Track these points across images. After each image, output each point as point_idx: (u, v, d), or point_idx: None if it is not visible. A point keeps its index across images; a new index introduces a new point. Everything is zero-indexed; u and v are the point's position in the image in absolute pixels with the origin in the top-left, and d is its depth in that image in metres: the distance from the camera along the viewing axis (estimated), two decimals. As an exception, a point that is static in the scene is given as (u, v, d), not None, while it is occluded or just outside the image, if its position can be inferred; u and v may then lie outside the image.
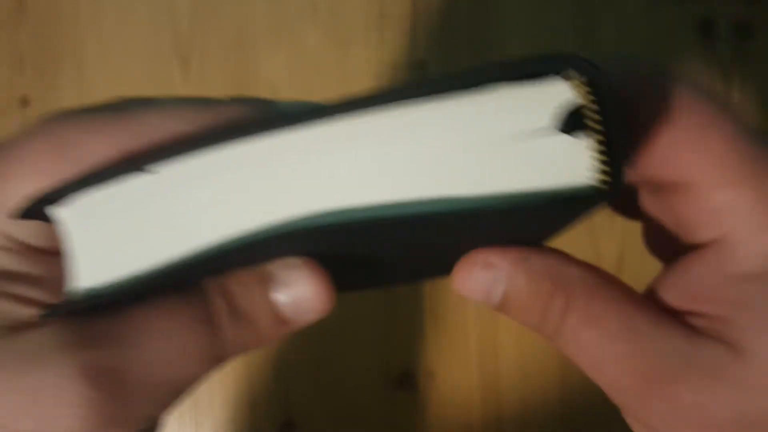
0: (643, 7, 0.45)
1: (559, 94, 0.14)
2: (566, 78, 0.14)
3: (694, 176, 0.16)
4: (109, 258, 0.16)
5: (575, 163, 0.14)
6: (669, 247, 0.19)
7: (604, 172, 0.14)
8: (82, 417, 0.16)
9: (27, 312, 0.17)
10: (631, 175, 0.17)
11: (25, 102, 0.45)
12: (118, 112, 0.17)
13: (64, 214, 0.16)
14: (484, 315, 0.43)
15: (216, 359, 0.18)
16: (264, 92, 0.45)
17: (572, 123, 0.14)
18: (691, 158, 0.16)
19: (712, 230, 0.17)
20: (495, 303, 0.18)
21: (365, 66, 0.45)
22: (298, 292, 0.18)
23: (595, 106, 0.14)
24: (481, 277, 0.18)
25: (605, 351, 0.17)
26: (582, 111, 0.14)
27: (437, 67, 0.45)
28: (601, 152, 0.14)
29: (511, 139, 0.14)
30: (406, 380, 0.43)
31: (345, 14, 0.45)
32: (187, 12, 0.45)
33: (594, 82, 0.14)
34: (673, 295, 0.18)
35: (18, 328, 0.17)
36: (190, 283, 0.18)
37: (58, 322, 0.16)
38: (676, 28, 0.45)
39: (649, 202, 0.19)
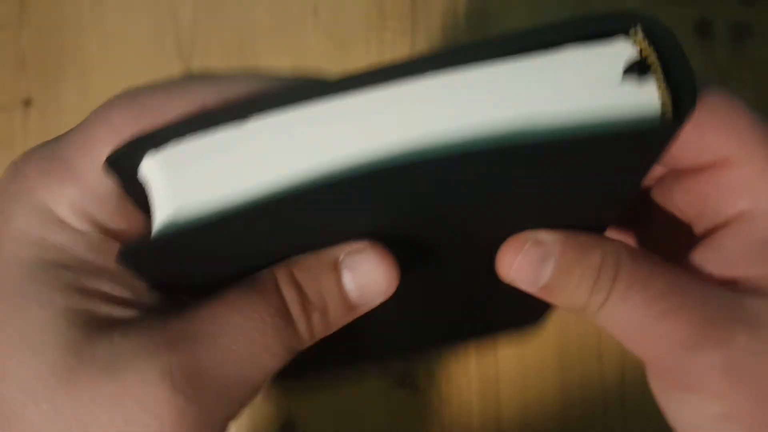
0: (640, 7, 0.46)
1: (625, 50, 0.16)
2: (631, 34, 0.17)
3: (723, 154, 0.18)
4: (191, 202, 0.16)
5: (642, 102, 0.16)
6: (677, 239, 0.20)
7: (667, 105, 0.16)
8: (168, 424, 0.15)
9: (106, 310, 0.16)
10: (657, 166, 0.18)
11: (27, 102, 0.45)
12: (188, 80, 0.17)
13: (151, 164, 0.16)
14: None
15: (291, 351, 0.18)
16: (265, 93, 0.45)
17: (639, 71, 0.16)
18: (719, 139, 0.18)
19: (741, 203, 0.18)
20: (544, 281, 0.18)
21: (365, 67, 0.45)
22: (366, 277, 0.17)
23: (656, 55, 0.17)
24: (531, 254, 0.18)
25: (656, 309, 0.17)
26: (648, 60, 0.16)
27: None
28: (666, 90, 0.16)
29: (583, 88, 0.16)
30: (406, 380, 0.43)
31: (345, 15, 0.46)
32: (189, 13, 0.46)
33: (655, 34, 0.17)
34: (710, 268, 0.18)
35: (100, 328, 0.16)
36: (264, 251, 0.17)
37: (138, 324, 0.16)
38: (673, 29, 0.46)
39: (667, 194, 0.20)
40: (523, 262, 0.18)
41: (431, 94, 0.15)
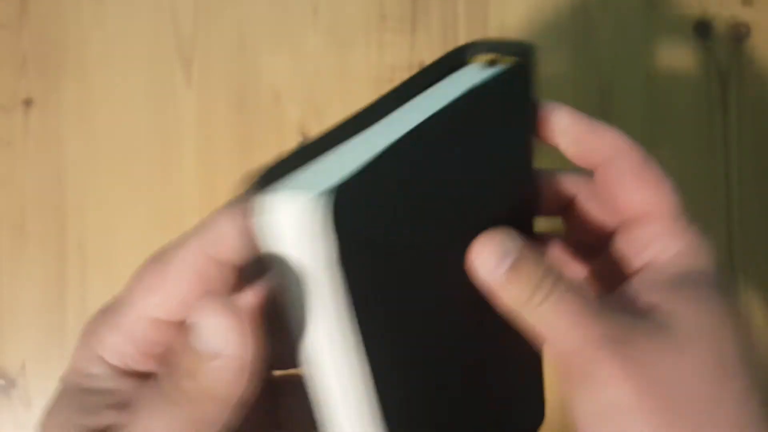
0: (639, 8, 0.46)
1: (479, 65, 0.27)
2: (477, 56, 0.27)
3: (642, 210, 0.25)
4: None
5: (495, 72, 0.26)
6: (617, 273, 0.26)
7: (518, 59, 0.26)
8: None
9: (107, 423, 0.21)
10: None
11: (28, 103, 0.45)
12: (191, 233, 0.23)
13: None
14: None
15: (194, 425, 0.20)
16: (265, 94, 0.45)
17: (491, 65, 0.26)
18: (637, 197, 0.25)
19: (652, 252, 0.24)
20: (502, 271, 0.22)
21: (365, 68, 0.45)
22: (205, 329, 0.20)
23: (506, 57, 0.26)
24: (497, 245, 0.22)
25: (583, 312, 0.22)
26: (496, 60, 0.26)
27: (437, 69, 0.45)
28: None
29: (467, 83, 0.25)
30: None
31: (345, 16, 0.46)
32: (190, 15, 0.46)
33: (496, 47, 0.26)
34: (633, 297, 0.23)
35: None
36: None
37: None
38: (673, 30, 0.46)
39: (612, 243, 0.26)
40: (489, 251, 0.22)
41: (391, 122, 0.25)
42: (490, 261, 0.22)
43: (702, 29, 0.46)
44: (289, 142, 0.45)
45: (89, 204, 0.45)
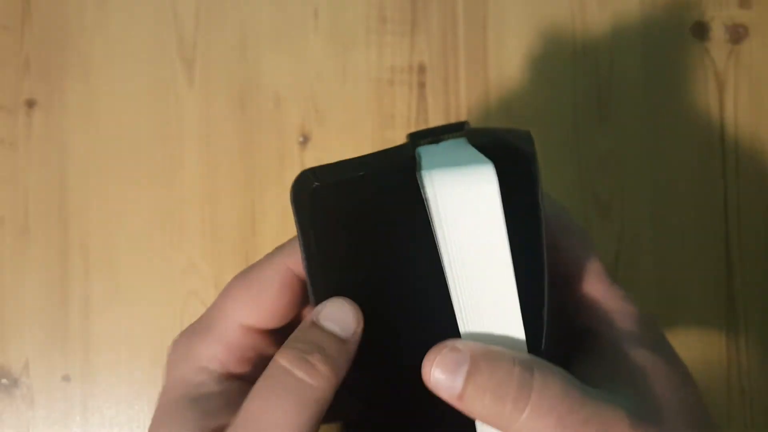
0: (637, 9, 0.46)
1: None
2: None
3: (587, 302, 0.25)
4: None
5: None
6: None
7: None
8: None
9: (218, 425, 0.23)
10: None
11: (31, 104, 0.46)
12: (273, 252, 0.26)
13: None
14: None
15: (316, 402, 0.22)
16: (266, 95, 0.46)
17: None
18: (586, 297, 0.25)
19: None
20: (459, 389, 0.20)
21: (366, 69, 0.46)
22: (333, 312, 0.23)
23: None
24: (447, 359, 0.20)
25: (566, 422, 0.20)
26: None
27: (436, 70, 0.46)
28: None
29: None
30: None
31: (346, 19, 0.46)
32: (191, 17, 0.46)
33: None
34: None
35: None
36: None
37: None
38: (670, 31, 0.46)
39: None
40: (439, 367, 0.20)
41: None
42: (443, 377, 0.20)
43: (699, 31, 0.46)
44: (290, 143, 0.45)
45: (92, 204, 0.45)
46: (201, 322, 0.27)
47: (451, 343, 0.21)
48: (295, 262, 0.25)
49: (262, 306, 0.25)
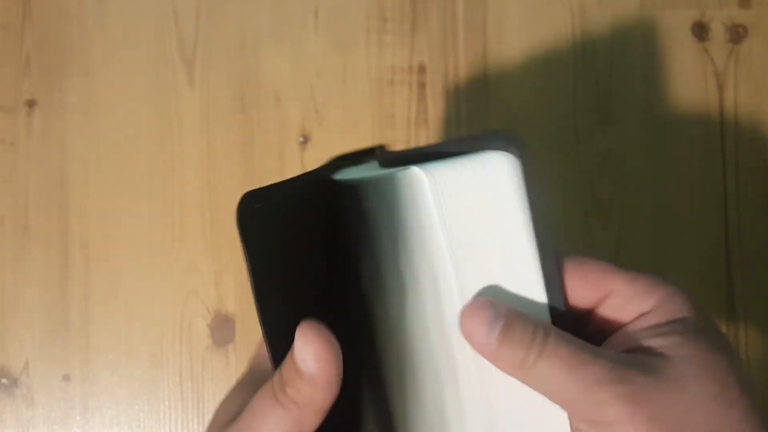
0: (636, 10, 0.46)
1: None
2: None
3: (607, 290, 0.26)
4: None
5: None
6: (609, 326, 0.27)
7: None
8: None
9: None
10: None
11: (31, 104, 0.46)
12: None
13: None
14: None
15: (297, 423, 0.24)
16: (266, 94, 0.46)
17: None
18: (600, 284, 0.26)
19: (626, 316, 0.25)
20: (495, 336, 0.23)
21: (366, 69, 0.46)
22: (301, 350, 0.24)
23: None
24: (487, 312, 0.23)
25: (580, 358, 0.23)
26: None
27: (436, 71, 0.46)
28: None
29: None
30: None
31: (346, 17, 0.46)
32: (192, 16, 0.46)
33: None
34: (623, 341, 0.25)
35: None
36: None
37: None
38: (671, 31, 0.46)
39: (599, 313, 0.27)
40: (479, 321, 0.23)
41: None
42: (482, 330, 0.23)
43: (699, 31, 0.46)
44: (290, 143, 0.45)
45: (92, 203, 0.45)
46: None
47: (488, 300, 0.24)
48: None
49: None
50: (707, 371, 0.23)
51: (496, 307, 0.23)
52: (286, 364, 0.24)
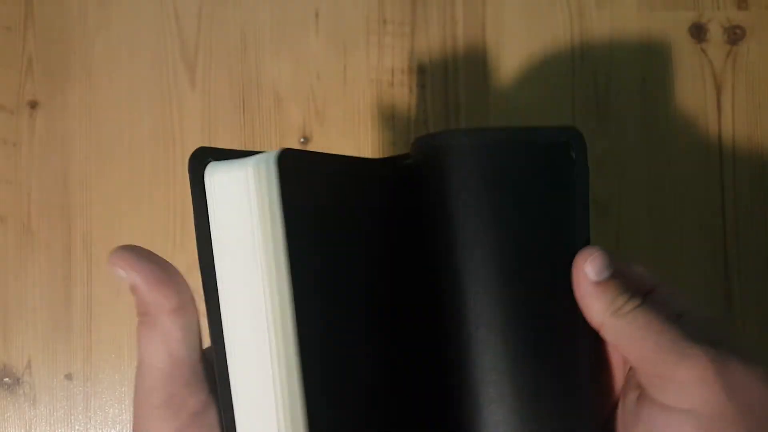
0: (635, 10, 0.47)
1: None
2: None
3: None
4: None
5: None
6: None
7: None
8: None
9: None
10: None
11: (33, 105, 0.46)
12: None
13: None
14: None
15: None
16: (268, 96, 0.46)
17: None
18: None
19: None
20: (604, 277, 0.26)
21: (366, 70, 0.46)
22: None
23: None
24: (604, 258, 0.27)
25: (659, 329, 0.25)
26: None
27: (436, 72, 0.46)
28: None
29: None
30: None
31: (346, 19, 0.46)
32: (193, 19, 0.46)
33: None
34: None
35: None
36: None
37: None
38: (669, 32, 0.46)
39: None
40: (599, 260, 0.26)
41: None
42: (598, 267, 0.26)
43: (697, 32, 0.47)
44: (291, 143, 0.45)
45: (94, 204, 0.45)
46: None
47: (602, 250, 0.27)
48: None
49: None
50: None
51: (610, 258, 0.27)
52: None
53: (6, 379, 0.44)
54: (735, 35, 0.47)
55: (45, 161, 0.46)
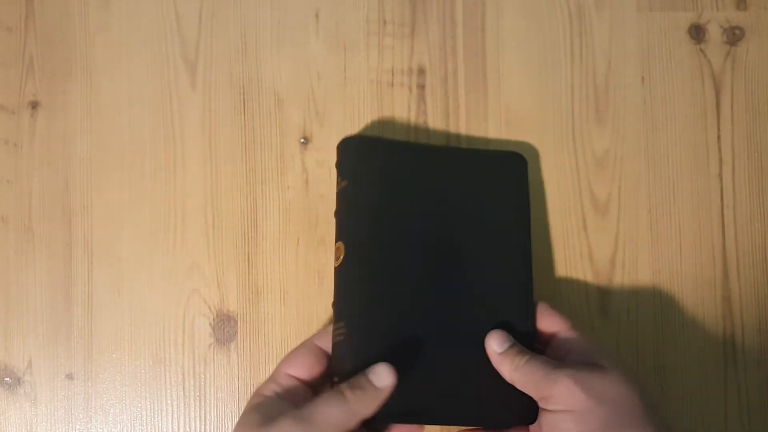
0: (634, 11, 0.47)
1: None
2: None
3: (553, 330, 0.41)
4: None
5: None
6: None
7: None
8: None
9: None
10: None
11: (34, 105, 0.46)
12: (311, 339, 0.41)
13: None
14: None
15: (354, 417, 0.36)
16: (268, 96, 0.46)
17: None
18: (549, 325, 0.41)
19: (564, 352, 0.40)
20: (503, 349, 0.39)
21: (366, 71, 0.46)
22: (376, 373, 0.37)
23: None
24: (503, 336, 0.40)
25: (546, 367, 0.37)
26: None
27: (435, 73, 0.46)
28: None
29: None
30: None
31: (346, 21, 0.46)
32: (194, 19, 0.46)
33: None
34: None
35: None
36: None
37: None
38: (668, 33, 0.47)
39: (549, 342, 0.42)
40: (499, 339, 0.40)
41: None
42: (498, 343, 0.39)
43: (696, 32, 0.47)
44: (291, 144, 0.46)
45: (95, 204, 0.45)
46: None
47: (504, 332, 0.40)
48: (319, 339, 0.40)
49: (298, 362, 0.39)
50: (623, 377, 0.37)
51: (507, 336, 0.40)
52: (359, 377, 0.36)
53: (7, 379, 0.44)
54: (734, 36, 0.47)
55: (46, 161, 0.46)
